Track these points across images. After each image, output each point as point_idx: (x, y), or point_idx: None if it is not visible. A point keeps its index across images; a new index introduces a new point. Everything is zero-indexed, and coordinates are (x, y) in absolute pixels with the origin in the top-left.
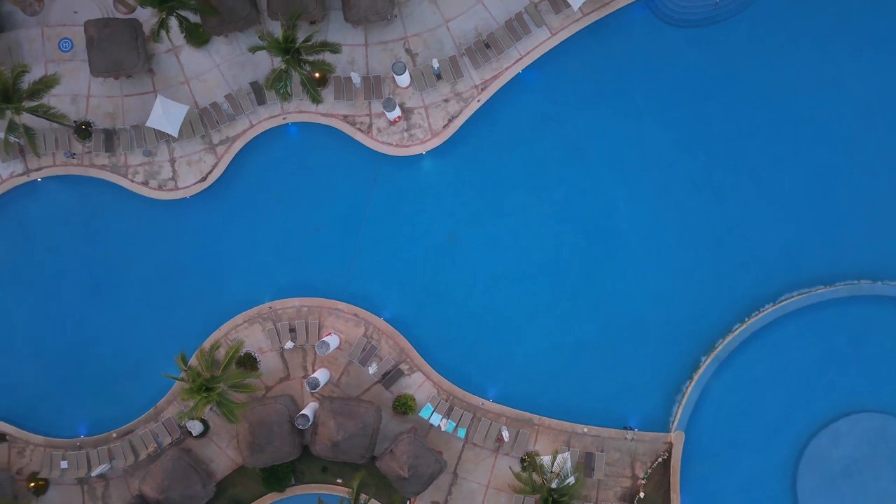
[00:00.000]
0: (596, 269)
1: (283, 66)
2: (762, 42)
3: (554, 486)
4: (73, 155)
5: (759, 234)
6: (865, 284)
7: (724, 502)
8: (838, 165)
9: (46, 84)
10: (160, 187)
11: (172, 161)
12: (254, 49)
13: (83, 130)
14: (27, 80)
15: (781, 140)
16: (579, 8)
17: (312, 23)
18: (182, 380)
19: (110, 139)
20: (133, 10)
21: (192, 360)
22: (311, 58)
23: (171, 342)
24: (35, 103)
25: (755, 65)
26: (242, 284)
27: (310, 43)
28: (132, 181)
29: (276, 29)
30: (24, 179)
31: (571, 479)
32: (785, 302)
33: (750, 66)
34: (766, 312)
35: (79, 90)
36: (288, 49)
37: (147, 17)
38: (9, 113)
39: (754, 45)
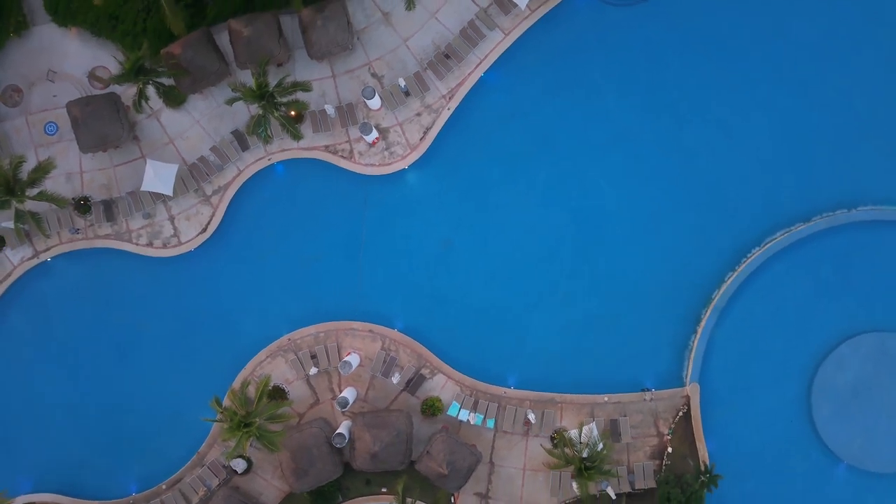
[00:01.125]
0: (587, 246)
1: (261, 112)
2: (707, 3)
3: (585, 455)
4: (77, 230)
5: (734, 184)
6: (841, 214)
7: (747, 442)
8: (796, 107)
9: (44, 170)
10: (164, 245)
11: (172, 218)
12: (230, 101)
13: (82, 206)
14: (24, 169)
15: (739, 92)
16: (526, 6)
17: (279, 65)
18: (220, 421)
19: (109, 209)
20: (108, 84)
21: (226, 402)
22: (284, 99)
23: (201, 389)
24: (36, 190)
25: (703, 26)
26: (258, 322)
27: (282, 86)
28: (137, 244)
29: (247, 77)
30: (35, 262)
31: (600, 446)
32: (770, 244)
33: (698, 28)
34: (753, 257)
35: (71, 168)
36: (262, 95)
37: (123, 88)
38: (14, 203)
39: (699, 7)
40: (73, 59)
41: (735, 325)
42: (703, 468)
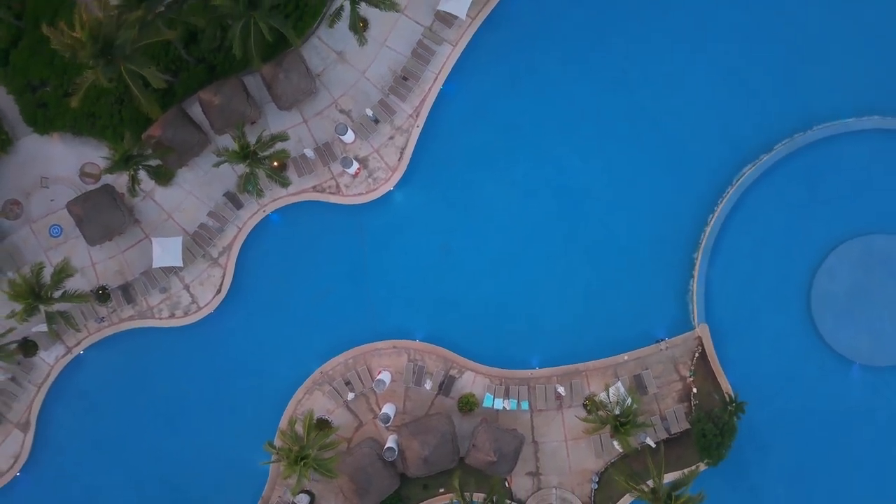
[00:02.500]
0: (575, 222)
1: (248, 170)
2: None
3: (618, 413)
4: (102, 319)
5: (696, 133)
6: (798, 137)
7: (764, 365)
8: (732, 49)
9: (65, 272)
10: (185, 314)
11: (187, 287)
12: (218, 164)
13: (102, 295)
14: (45, 274)
15: (679, 47)
16: (466, 15)
17: (253, 123)
18: (277, 461)
19: (128, 292)
20: (99, 177)
21: (278, 442)
22: (266, 153)
23: (251, 438)
24: (60, 292)
25: None
26: (289, 363)
27: (261, 141)
28: (160, 319)
29: (225, 140)
30: (69, 358)
31: (629, 402)
32: (741, 179)
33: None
34: (729, 195)
35: (83, 263)
36: (246, 155)
37: (114, 177)
38: (42, 307)
39: None
40: (60, 162)
41: (726, 260)
42: (728, 399)
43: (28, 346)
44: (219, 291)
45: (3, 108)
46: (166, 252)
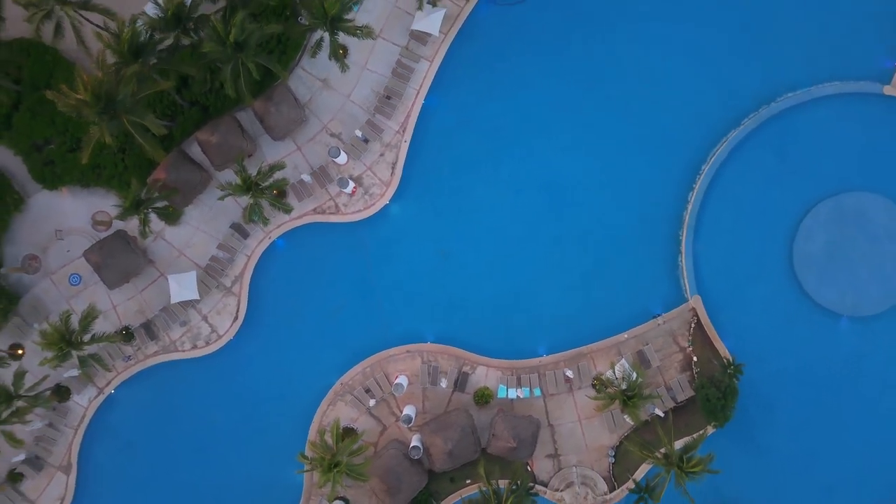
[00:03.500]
0: (563, 214)
1: (252, 201)
2: None
3: (625, 388)
4: (128, 357)
5: (666, 117)
6: (764, 110)
7: (757, 328)
8: (692, 32)
9: (91, 316)
10: (207, 343)
11: (205, 318)
12: (222, 197)
13: (126, 335)
14: (73, 321)
15: (641, 37)
16: (439, 31)
17: (249, 156)
18: (311, 469)
19: (150, 329)
20: (110, 224)
21: (309, 453)
22: (267, 183)
23: (281, 454)
24: (89, 335)
25: None
26: (310, 378)
27: (261, 173)
28: (183, 351)
29: (226, 175)
30: (102, 398)
31: (634, 376)
32: (714, 156)
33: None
34: (704, 172)
35: (104, 306)
36: (248, 187)
37: (124, 223)
38: (74, 353)
39: None
40: (72, 214)
41: (710, 234)
42: (727, 363)
43: (62, 392)
44: (236, 318)
45: (12, 169)
46: (182, 287)
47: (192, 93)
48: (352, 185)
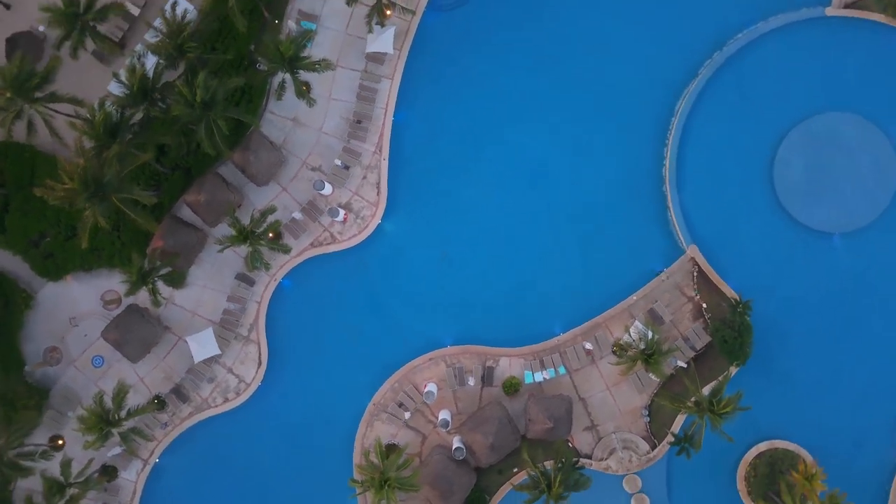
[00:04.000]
0: (549, 196)
1: (251, 249)
2: None
3: (643, 348)
4: (165, 425)
5: (629, 85)
6: (717, 56)
7: (757, 263)
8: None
9: (123, 392)
10: (237, 394)
11: (230, 370)
12: (222, 250)
13: (159, 403)
14: (106, 401)
15: (588, 12)
16: (393, 49)
17: (239, 206)
18: (364, 491)
19: (180, 393)
20: (119, 301)
21: (358, 476)
22: (261, 229)
23: (331, 483)
24: (125, 411)
25: None
26: (343, 406)
27: (254, 220)
28: (216, 406)
29: (221, 229)
30: (148, 469)
31: (650, 334)
32: (679, 111)
33: None
34: (674, 127)
35: (131, 380)
36: (245, 236)
37: (133, 296)
38: (115, 431)
39: None
40: (82, 299)
41: (692, 184)
42: (735, 303)
43: (109, 471)
44: (260, 364)
45: (15, 270)
46: (202, 346)
47: (172, 159)
48: (342, 212)
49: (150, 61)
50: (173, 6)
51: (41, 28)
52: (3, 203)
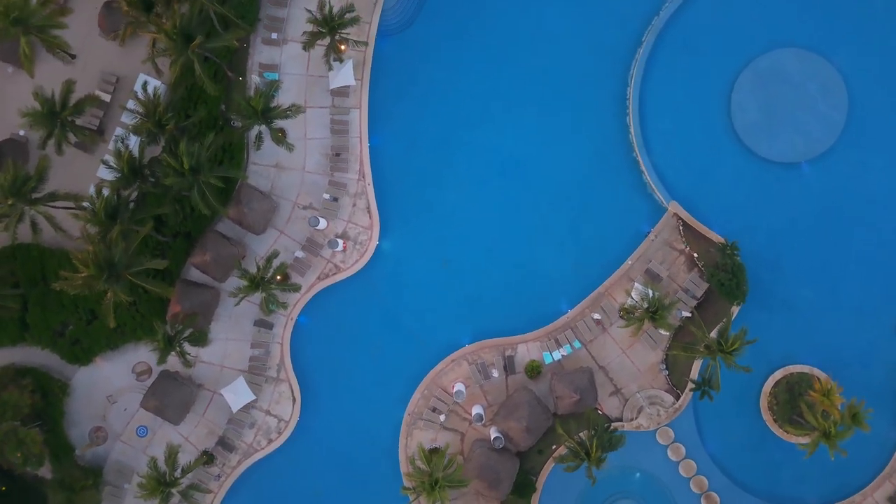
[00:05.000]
0: (528, 183)
1: (264, 294)
2: None
3: (647, 306)
4: (218, 476)
5: (579, 65)
6: (656, 21)
7: (736, 204)
8: None
9: (174, 453)
10: (279, 433)
11: (268, 412)
12: (237, 302)
13: (208, 457)
14: (160, 465)
15: (529, 5)
16: (354, 80)
17: (243, 258)
18: (416, 497)
19: (226, 444)
20: (150, 370)
21: (409, 484)
22: (269, 274)
23: (387, 494)
24: (179, 470)
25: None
26: (379, 421)
27: (260, 268)
28: (262, 449)
29: (231, 282)
30: None
31: (650, 293)
32: (633, 79)
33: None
34: (631, 95)
35: (178, 441)
36: (256, 284)
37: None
38: (174, 491)
39: None
40: (115, 376)
41: (659, 144)
42: (723, 247)
43: None
44: (294, 401)
45: (46, 363)
46: (237, 395)
47: (171, 227)
48: (340, 242)
49: (132, 141)
50: (144, 86)
51: (21, 133)
52: (22, 303)
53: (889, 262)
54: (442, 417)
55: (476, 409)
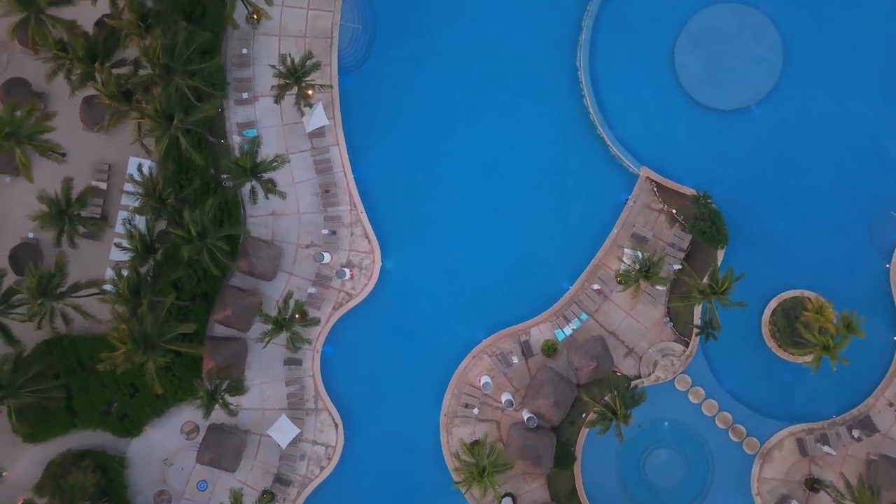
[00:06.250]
0: (508, 179)
1: (289, 334)
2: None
3: (640, 267)
4: None
5: (526, 60)
6: (592, 7)
7: (700, 157)
8: None
9: (239, 496)
10: (329, 459)
11: (315, 442)
12: (265, 346)
13: (269, 496)
14: None
15: (469, 17)
16: (328, 119)
17: (260, 304)
18: (468, 489)
19: (282, 480)
20: (197, 427)
21: (458, 478)
22: (289, 315)
23: (441, 495)
24: None
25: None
26: (418, 428)
27: (280, 310)
28: (317, 477)
29: (256, 329)
30: None
31: (639, 255)
32: (581, 64)
33: (414, 20)
34: (583, 80)
35: (236, 486)
36: (280, 326)
37: (207, 419)
38: None
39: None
40: (165, 440)
41: (619, 118)
42: (697, 198)
43: None
44: (336, 426)
45: (100, 441)
46: (283, 432)
47: (188, 291)
48: (347, 271)
49: (138, 220)
50: (139, 168)
51: (31, 235)
52: (66, 392)
53: (846, 178)
54: (475, 411)
55: (505, 396)
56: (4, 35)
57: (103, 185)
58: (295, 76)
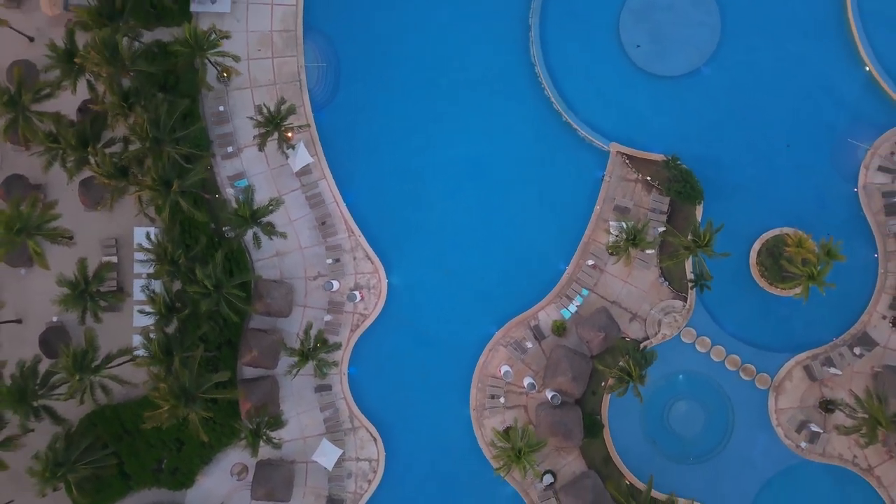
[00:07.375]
0: (492, 178)
1: (315, 363)
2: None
3: (627, 237)
4: None
5: (486, 60)
6: (535, 3)
7: (662, 123)
8: None
9: None
10: (374, 471)
11: (357, 459)
12: (294, 376)
13: None
14: None
15: (426, 36)
16: (312, 156)
17: (282, 340)
18: (508, 472)
19: (333, 501)
20: (246, 468)
21: (496, 463)
22: (311, 344)
23: (482, 484)
24: None
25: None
26: (451, 427)
27: (302, 341)
28: (366, 492)
29: (283, 363)
30: None
31: (624, 225)
32: (536, 56)
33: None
34: (540, 72)
35: None
36: (306, 356)
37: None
38: None
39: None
40: (219, 484)
41: (580, 102)
42: (666, 162)
43: None
44: (375, 440)
45: (158, 499)
46: (327, 455)
47: (213, 342)
48: (357, 294)
49: (156, 285)
50: (147, 236)
51: (55, 318)
52: (118, 459)
53: (800, 115)
54: (501, 400)
55: (527, 380)
56: None
57: (114, 259)
58: (273, 123)
